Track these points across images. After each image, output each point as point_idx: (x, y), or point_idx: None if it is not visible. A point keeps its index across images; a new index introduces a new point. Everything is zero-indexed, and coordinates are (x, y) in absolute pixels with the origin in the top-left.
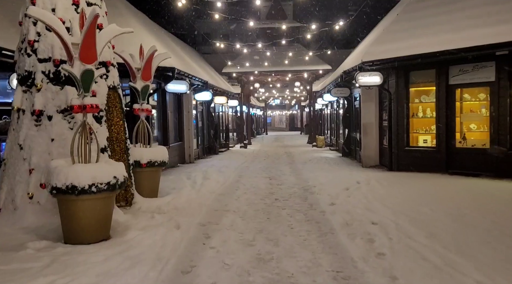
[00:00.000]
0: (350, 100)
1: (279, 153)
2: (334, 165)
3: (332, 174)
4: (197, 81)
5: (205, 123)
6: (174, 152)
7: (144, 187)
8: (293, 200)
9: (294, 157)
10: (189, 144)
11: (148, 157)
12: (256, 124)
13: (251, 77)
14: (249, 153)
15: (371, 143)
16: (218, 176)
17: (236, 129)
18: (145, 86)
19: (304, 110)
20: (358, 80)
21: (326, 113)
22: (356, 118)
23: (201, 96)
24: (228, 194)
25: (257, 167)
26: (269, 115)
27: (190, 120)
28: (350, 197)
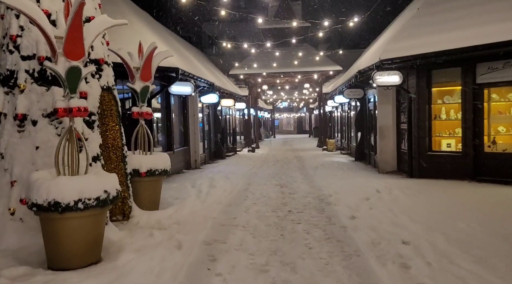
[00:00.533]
0: (363, 102)
1: (288, 157)
2: (348, 170)
3: (347, 181)
4: (203, 83)
5: (211, 127)
6: (179, 157)
7: (143, 199)
8: (309, 212)
9: (305, 161)
10: (195, 148)
11: (148, 165)
12: (264, 127)
13: (258, 79)
14: (257, 157)
15: (388, 147)
16: (225, 183)
17: (243, 133)
18: (145, 88)
19: (312, 113)
20: (376, 80)
21: (336, 115)
22: (370, 120)
23: (207, 99)
24: (236, 205)
25: (266, 173)
26: (277, 118)
27: (196, 124)
28: (372, 209)
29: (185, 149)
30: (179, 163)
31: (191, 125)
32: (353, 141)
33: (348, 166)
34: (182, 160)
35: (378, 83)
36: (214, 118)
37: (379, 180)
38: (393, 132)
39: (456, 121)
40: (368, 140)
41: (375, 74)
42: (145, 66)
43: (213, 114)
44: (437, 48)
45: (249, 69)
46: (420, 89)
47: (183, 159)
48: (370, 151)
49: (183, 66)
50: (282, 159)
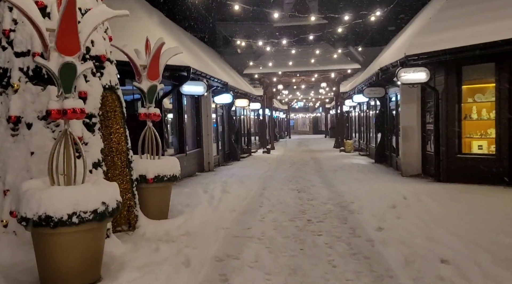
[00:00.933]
0: (384, 102)
1: (304, 158)
2: (369, 173)
3: (370, 186)
4: (216, 83)
5: (225, 128)
6: (192, 160)
7: (151, 207)
8: (330, 222)
9: (322, 163)
10: (208, 150)
11: (156, 171)
12: (279, 128)
13: (274, 79)
14: (272, 159)
15: (412, 148)
16: (239, 188)
17: (258, 134)
18: (152, 87)
19: (329, 113)
20: (400, 78)
21: (354, 115)
22: (392, 121)
23: (221, 99)
24: (250, 213)
25: (283, 176)
26: (292, 118)
27: (209, 125)
28: (400, 219)
29: (198, 151)
30: (192, 166)
31: (204, 127)
32: (372, 142)
33: (369, 169)
34: (195, 163)
35: (403, 81)
36: (228, 119)
37: (404, 185)
38: (418, 133)
39: (489, 121)
40: (389, 141)
41: (400, 71)
42: (152, 64)
43: (227, 115)
44: (469, 42)
45: (264, 68)
46: (449, 87)
47: (196, 161)
48: (392, 153)
49: (195, 65)
50: (298, 161)
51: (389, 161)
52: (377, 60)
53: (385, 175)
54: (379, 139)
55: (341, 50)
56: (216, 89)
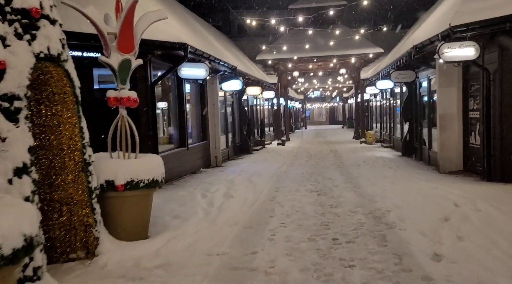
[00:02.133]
0: (412, 87)
1: (323, 151)
2: (398, 169)
3: (404, 186)
4: (223, 67)
5: (236, 118)
6: (195, 155)
7: (122, 223)
8: (364, 244)
9: (343, 156)
10: (215, 143)
11: (129, 174)
12: (294, 118)
13: (289, 65)
14: (287, 152)
15: (452, 141)
16: (247, 189)
17: (272, 124)
18: (125, 62)
19: (346, 102)
20: (443, 55)
21: (375, 104)
22: (423, 109)
23: (229, 86)
24: (257, 227)
25: (298, 173)
26: (308, 108)
27: (216, 115)
28: (463, 240)
29: (203, 144)
30: (195, 161)
31: (211, 117)
32: (397, 133)
33: (397, 163)
34: (200, 157)
35: (447, 59)
36: (239, 109)
37: (447, 185)
38: (459, 122)
39: None
40: (419, 132)
41: (443, 47)
42: (123, 31)
43: (237, 104)
44: None
45: (278, 53)
46: (505, 65)
47: (201, 155)
48: (422, 145)
49: (194, 43)
50: (316, 154)
51: (418, 154)
52: (404, 41)
53: (419, 171)
54: (406, 130)
55: (363, 32)
56: (224, 75)
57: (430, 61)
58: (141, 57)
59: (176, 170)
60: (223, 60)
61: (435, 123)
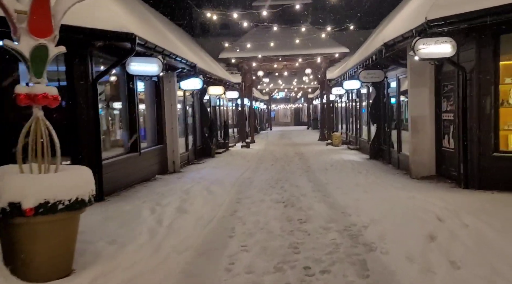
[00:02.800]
0: (380, 88)
1: (288, 153)
2: (368, 173)
3: (378, 195)
4: (181, 63)
5: (197, 119)
6: (150, 160)
7: (34, 258)
8: (342, 273)
9: (309, 160)
10: (173, 147)
11: (42, 193)
12: (259, 119)
13: (253, 64)
14: (252, 155)
15: (424, 144)
16: (204, 202)
17: (237, 126)
18: (39, 49)
19: (311, 103)
20: (418, 51)
21: (340, 105)
22: (391, 110)
23: (189, 85)
24: (212, 253)
25: (264, 179)
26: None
27: (174, 116)
28: (459, 269)
29: (159, 148)
30: (149, 167)
31: (168, 118)
32: (363, 135)
33: (366, 167)
34: (155, 163)
35: (422, 56)
36: (201, 110)
37: (424, 194)
38: (431, 124)
39: None
40: (388, 134)
41: (418, 43)
42: (36, 8)
43: (198, 104)
44: None
45: (242, 51)
46: (482, 63)
47: (157, 160)
48: (391, 148)
49: (145, 35)
50: (281, 157)
51: (387, 157)
52: (372, 40)
53: (390, 177)
54: (373, 132)
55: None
56: (183, 73)
57: (400, 59)
58: (80, 49)
59: (125, 178)
60: (181, 56)
61: (405, 125)
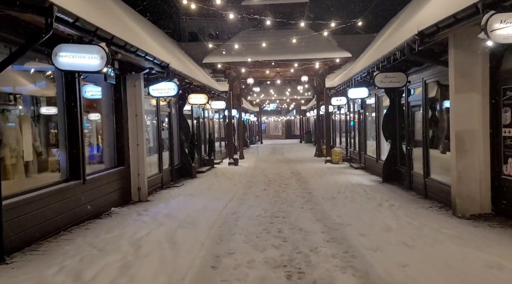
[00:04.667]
0: (396, 95)
1: (283, 173)
2: (394, 208)
3: (433, 254)
4: (147, 62)
5: (174, 133)
6: (103, 188)
7: None
8: None
9: (309, 182)
10: (138, 169)
11: None
12: (249, 132)
13: (242, 70)
14: (240, 174)
15: (473, 169)
16: (157, 269)
17: (224, 140)
18: None
19: (304, 116)
20: (494, 33)
21: (339, 117)
22: (411, 123)
23: (159, 90)
24: None
25: (254, 216)
26: (264, 121)
27: (140, 129)
28: None
29: (117, 171)
30: (101, 199)
31: (132, 133)
32: (370, 151)
33: (384, 195)
34: (112, 191)
35: (500, 39)
36: (180, 122)
37: (496, 248)
38: (484, 143)
39: None
40: (408, 152)
41: (492, 21)
42: None
43: (177, 115)
44: None
45: (229, 55)
46: None
47: (115, 187)
48: (410, 169)
49: (80, 11)
50: (275, 178)
51: (406, 181)
52: (388, 37)
53: (425, 213)
54: (385, 149)
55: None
56: (152, 75)
57: (439, 56)
58: None
59: (55, 220)
60: (146, 51)
61: (434, 142)
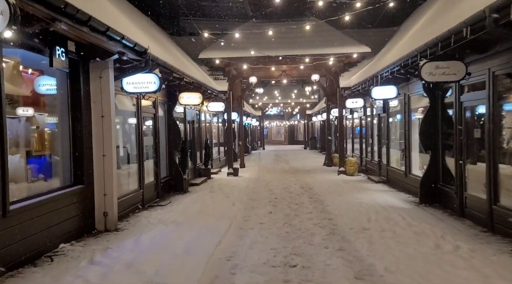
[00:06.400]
0: (439, 94)
1: (291, 188)
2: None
3: None
4: (116, 44)
5: (161, 139)
6: (47, 219)
7: None
8: None
9: (325, 202)
10: (103, 187)
11: None
12: (251, 138)
13: (244, 66)
14: (240, 189)
15: None
16: None
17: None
18: None
19: (310, 120)
20: None
21: (352, 122)
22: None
23: (135, 85)
24: None
25: (259, 263)
26: (265, 126)
27: (107, 135)
28: None
29: (72, 192)
30: (39, 235)
31: (97, 139)
32: (393, 162)
33: (434, 226)
34: (64, 220)
35: None
36: (169, 126)
37: None
38: None
39: None
40: (460, 168)
41: None
42: None
43: (165, 118)
44: None
45: (229, 50)
46: None
47: (70, 214)
48: (462, 190)
49: None
50: (282, 194)
51: (455, 204)
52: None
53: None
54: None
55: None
56: (127, 65)
57: None
58: None
59: None
60: (108, 26)
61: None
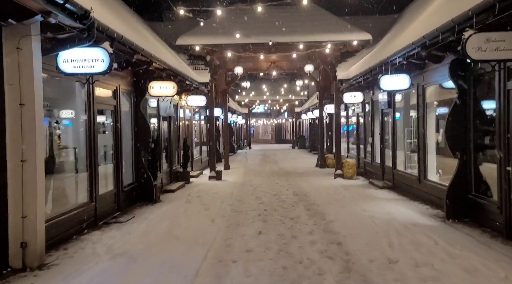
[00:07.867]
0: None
1: (283, 195)
2: None
3: None
4: None
5: (127, 137)
6: None
7: None
8: None
9: (327, 215)
10: (21, 205)
11: None
12: (237, 136)
13: (228, 54)
14: (223, 199)
15: None
16: None
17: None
18: None
19: (299, 118)
20: None
21: (347, 120)
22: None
23: (75, 63)
24: None
25: None
26: (252, 125)
27: (31, 131)
28: None
29: None
30: None
31: (13, 136)
32: (399, 165)
33: (485, 259)
34: None
35: None
36: (137, 121)
37: None
38: None
39: None
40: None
41: None
42: None
43: (131, 112)
44: None
45: (211, 35)
46: None
47: None
48: (509, 203)
49: None
50: (273, 205)
51: (496, 222)
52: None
53: None
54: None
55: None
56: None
57: None
58: None
59: None
60: None
61: None
